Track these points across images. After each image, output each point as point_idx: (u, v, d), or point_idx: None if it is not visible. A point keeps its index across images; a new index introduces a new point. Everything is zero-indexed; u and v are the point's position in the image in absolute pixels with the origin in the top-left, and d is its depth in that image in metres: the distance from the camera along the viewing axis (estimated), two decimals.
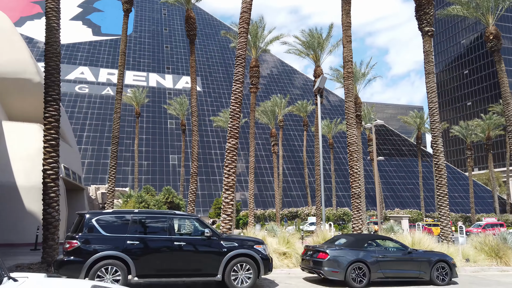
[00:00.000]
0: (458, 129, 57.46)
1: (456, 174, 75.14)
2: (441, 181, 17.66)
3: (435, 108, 18.03)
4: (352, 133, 16.79)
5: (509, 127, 20.26)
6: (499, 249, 16.68)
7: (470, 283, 12.75)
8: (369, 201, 61.81)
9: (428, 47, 18.36)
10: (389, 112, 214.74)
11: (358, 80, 33.66)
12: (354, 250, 11.56)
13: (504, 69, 20.71)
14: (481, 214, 60.57)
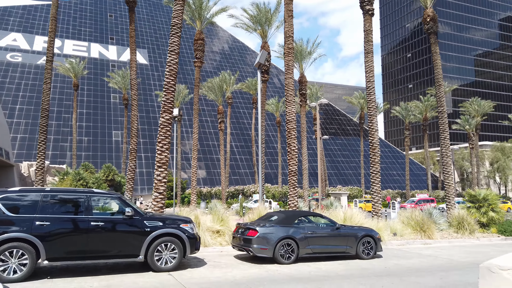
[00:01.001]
0: (398, 109, 60.21)
1: (395, 153, 79.20)
2: (374, 159, 18.20)
3: (372, 88, 18.35)
4: (291, 110, 16.67)
5: (440, 108, 21.24)
6: (424, 223, 17.68)
7: (393, 256, 13.33)
8: (314, 179, 63.62)
9: (368, 26, 18.51)
10: (338, 92, 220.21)
11: (304, 59, 33.73)
12: (284, 227, 11.55)
13: (438, 52, 21.53)
14: (416, 190, 64.70)
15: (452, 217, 19.68)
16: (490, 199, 21.01)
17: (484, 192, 21.29)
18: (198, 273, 9.80)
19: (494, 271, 2.32)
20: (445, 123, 20.98)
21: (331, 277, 9.54)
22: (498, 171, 73.47)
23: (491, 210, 20.80)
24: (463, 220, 19.00)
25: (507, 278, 2.27)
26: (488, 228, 20.40)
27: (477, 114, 60.89)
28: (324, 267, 10.92)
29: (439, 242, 17.16)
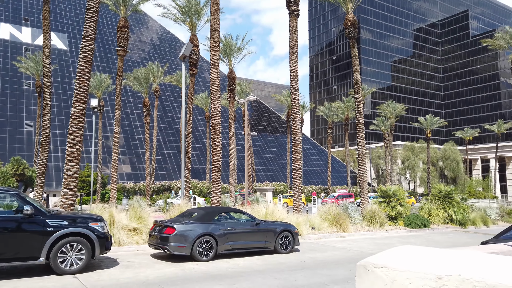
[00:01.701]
0: (322, 109, 63.13)
1: (320, 150, 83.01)
2: (296, 155, 18.74)
3: (296, 87, 18.85)
4: (216, 105, 16.47)
5: (358, 109, 22.53)
6: (340, 217, 18.67)
7: (310, 249, 13.84)
8: (243, 174, 64.25)
9: (293, 26, 18.95)
10: (269, 90, 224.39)
11: (234, 54, 33.66)
12: (204, 224, 11.34)
13: (357, 55, 22.81)
14: (336, 186, 68.48)
15: (366, 211, 21.05)
16: (398, 194, 22.87)
17: (394, 188, 23.12)
18: (107, 274, 9.20)
19: (369, 269, 2.31)
20: (362, 123, 22.31)
21: (247, 273, 9.56)
22: (408, 168, 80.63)
23: (399, 205, 22.66)
24: (375, 214, 20.43)
25: (381, 276, 2.26)
26: (396, 221, 22.19)
27: (392, 116, 66.13)
28: (242, 263, 10.93)
29: (352, 235, 18.23)
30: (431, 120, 65.55)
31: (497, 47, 38.71)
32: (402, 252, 2.31)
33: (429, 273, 2.08)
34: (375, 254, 2.33)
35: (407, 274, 2.11)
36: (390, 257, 2.27)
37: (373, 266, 2.23)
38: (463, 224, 23.12)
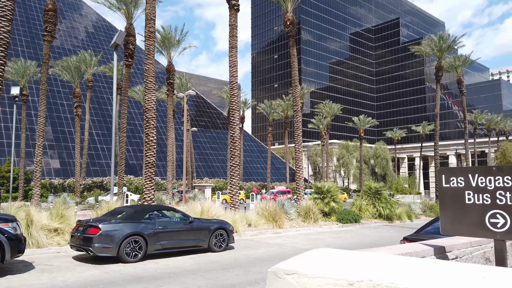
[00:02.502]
0: (263, 107, 63.80)
1: (260, 147, 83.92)
2: (234, 152, 18.56)
3: (235, 83, 18.65)
4: (151, 98, 15.73)
5: (295, 107, 22.91)
6: (276, 214, 18.86)
7: (245, 246, 13.75)
8: (182, 171, 62.88)
9: (233, 21, 18.70)
10: (211, 86, 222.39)
11: (173, 47, 32.61)
12: (133, 223, 10.73)
13: (296, 54, 23.18)
14: (276, 182, 69.75)
15: (301, 208, 21.50)
16: (332, 191, 23.69)
17: (328, 185, 23.90)
18: (19, 280, 8.30)
19: (280, 276, 2.09)
20: (299, 122, 22.73)
21: (176, 273, 9.18)
22: (343, 166, 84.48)
23: (333, 201, 23.49)
24: (309, 210, 20.95)
25: (292, 284, 2.05)
26: (330, 216, 22.96)
27: (328, 115, 68.72)
28: (173, 263, 10.51)
29: (288, 231, 18.50)
30: (364, 120, 69.13)
31: (424, 54, 41.70)
32: (315, 256, 2.16)
33: (340, 279, 1.95)
34: (287, 259, 2.15)
35: (319, 280, 1.97)
36: (302, 262, 2.11)
37: (284, 272, 2.06)
38: (390, 219, 24.57)
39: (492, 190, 3.21)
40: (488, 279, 1.84)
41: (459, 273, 1.87)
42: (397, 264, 2.00)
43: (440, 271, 1.92)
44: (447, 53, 42.24)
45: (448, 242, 3.64)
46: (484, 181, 3.25)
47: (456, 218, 3.34)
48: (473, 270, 1.95)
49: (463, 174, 3.38)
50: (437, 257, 3.27)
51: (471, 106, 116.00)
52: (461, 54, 48.23)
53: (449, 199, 3.42)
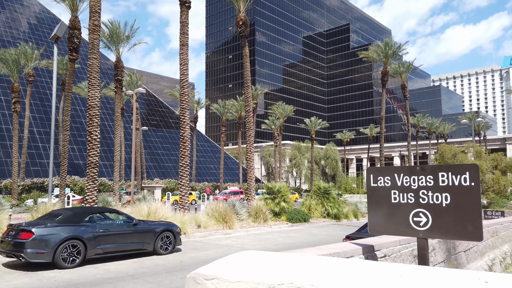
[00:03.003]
0: (216, 107, 63.37)
1: (214, 147, 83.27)
2: (184, 152, 18.18)
3: (185, 81, 18.27)
4: (94, 95, 14.95)
5: (247, 107, 22.92)
6: (226, 214, 18.71)
7: (193, 248, 13.47)
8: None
9: (184, 18, 18.32)
10: (164, 84, 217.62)
11: (122, 42, 31.36)
12: (70, 226, 10.11)
13: (248, 54, 23.20)
14: (229, 183, 69.54)
15: (252, 208, 21.53)
16: (283, 191, 23.97)
17: (279, 185, 24.15)
18: None
19: (199, 282, 1.96)
20: (251, 122, 22.77)
21: (117, 278, 8.76)
22: (295, 166, 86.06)
23: (283, 201, 23.77)
24: (260, 210, 21.03)
25: None
26: (280, 216, 23.21)
27: (281, 116, 69.71)
28: (114, 267, 10.02)
29: (238, 232, 18.42)
30: (315, 122, 70.89)
31: (371, 59, 43.58)
32: (237, 260, 2.07)
33: (261, 282, 1.87)
34: (208, 264, 2.04)
35: (239, 285, 1.88)
36: (223, 266, 2.01)
37: (204, 278, 1.95)
38: (338, 218, 25.30)
39: (416, 190, 3.32)
40: (405, 278, 1.84)
41: (377, 273, 1.86)
42: (320, 266, 1.96)
43: (360, 271, 1.89)
44: (392, 59, 44.44)
45: (377, 241, 3.71)
46: (408, 181, 3.35)
47: (383, 217, 3.41)
48: (392, 269, 1.95)
49: (390, 174, 3.46)
50: (366, 256, 3.33)
51: (414, 110, 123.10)
52: (405, 61, 50.99)
53: (376, 198, 3.49)
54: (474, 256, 6.05)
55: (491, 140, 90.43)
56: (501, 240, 7.31)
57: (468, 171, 3.18)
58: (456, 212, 3.15)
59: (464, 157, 40.27)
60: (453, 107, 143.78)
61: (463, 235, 3.15)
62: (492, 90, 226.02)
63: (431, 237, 3.23)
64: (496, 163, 41.61)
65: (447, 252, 5.06)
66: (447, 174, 3.21)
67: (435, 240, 4.06)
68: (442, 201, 3.18)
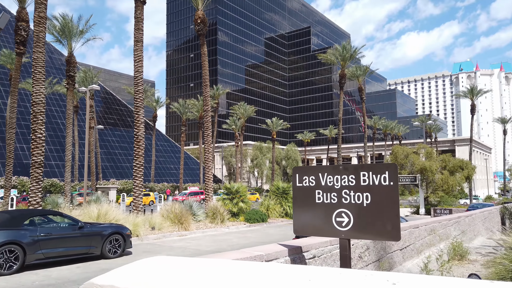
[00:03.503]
0: (176, 106, 62.25)
1: (174, 147, 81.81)
2: (138, 152, 17.64)
3: (140, 78, 17.73)
4: (39, 90, 14.12)
5: (206, 107, 22.64)
6: (182, 215, 18.34)
7: (144, 251, 13.05)
8: (88, 172, 58.29)
9: (139, 14, 17.77)
10: (123, 82, 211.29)
11: (75, 37, 29.96)
12: (7, 230, 9.45)
13: (206, 53, 22.93)
14: (189, 183, 68.59)
15: (209, 209, 21.27)
16: (241, 191, 23.89)
17: (237, 185, 24.06)
18: None
19: None
20: (209, 122, 22.52)
21: (57, 285, 8.27)
22: (256, 166, 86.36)
23: (242, 201, 23.69)
24: (217, 211, 20.81)
25: None
26: (238, 217, 23.10)
27: (243, 116, 69.71)
28: (56, 273, 9.47)
29: (194, 233, 18.11)
30: (276, 122, 71.51)
31: (329, 62, 44.56)
32: (140, 267, 1.92)
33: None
34: (106, 272, 1.87)
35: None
36: (123, 274, 1.85)
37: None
38: None
39: (338, 189, 3.31)
40: (313, 282, 1.77)
41: (285, 277, 1.78)
42: (227, 272, 1.85)
43: (269, 276, 1.81)
44: (350, 62, 45.69)
45: (306, 242, 3.69)
46: (332, 180, 3.34)
47: (307, 217, 3.38)
48: (303, 273, 1.88)
49: (315, 173, 3.44)
50: (292, 258, 3.28)
51: (371, 113, 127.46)
52: (363, 65, 52.63)
53: (301, 198, 3.46)
54: (411, 254, 6.24)
55: (442, 142, 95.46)
56: (439, 238, 7.62)
57: (388, 170, 3.21)
58: (376, 211, 3.17)
59: (416, 157, 42.10)
60: (407, 110, 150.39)
61: (382, 234, 3.17)
62: (443, 94, 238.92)
63: (353, 237, 3.23)
64: (445, 164, 43.86)
65: (382, 251, 5.17)
66: (368, 173, 3.23)
67: (369, 240, 4.10)
68: (363, 200, 3.19)
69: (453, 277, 1.95)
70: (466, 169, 45.19)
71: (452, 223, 8.97)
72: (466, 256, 8.14)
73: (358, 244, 4.46)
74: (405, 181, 38.15)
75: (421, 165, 39.04)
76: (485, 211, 14.19)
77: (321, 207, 3.32)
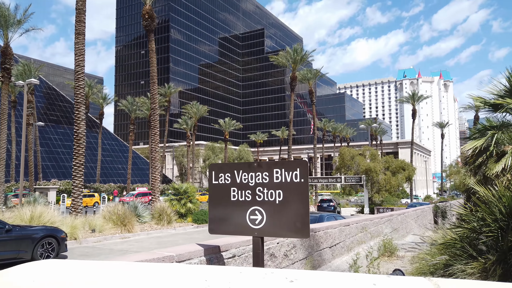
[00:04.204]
0: (125, 103, 60.04)
1: (122, 146, 78.92)
2: (78, 150, 16.75)
3: (81, 72, 16.83)
4: None
5: (153, 105, 22.03)
6: (125, 217, 17.66)
7: (81, 255, 12.40)
8: (26, 171, 54.59)
9: (81, 5, 16.87)
10: (69, 77, 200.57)
11: (11, 27, 27.86)
12: None
13: (154, 49, 22.33)
14: (137, 184, 66.49)
15: (155, 210, 20.69)
16: (189, 191, 23.48)
17: (185, 186, 23.61)
18: None
19: None
20: (156, 120, 21.94)
21: None
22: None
23: (190, 202, 23.29)
24: (164, 212, 20.29)
25: None
26: (186, 218, 22.69)
27: (195, 116, 68.82)
28: None
29: (138, 235, 17.51)
30: (229, 123, 71.38)
31: (281, 64, 45.26)
32: (21, 272, 1.74)
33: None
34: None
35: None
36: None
37: None
38: None
39: (253, 187, 3.30)
40: (210, 282, 1.70)
41: (181, 278, 1.69)
42: (119, 275, 1.73)
43: (163, 278, 1.71)
44: (301, 65, 46.70)
45: (225, 241, 3.64)
46: (247, 178, 3.32)
47: (223, 216, 3.34)
48: (200, 273, 1.80)
49: (230, 171, 3.41)
50: (208, 258, 3.22)
51: (322, 115, 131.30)
52: (314, 68, 54.02)
53: (217, 196, 3.41)
54: (341, 252, 6.44)
55: (386, 144, 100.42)
56: (370, 235, 7.94)
57: (299, 167, 3.25)
58: (287, 209, 3.19)
59: (362, 159, 43.91)
60: (355, 114, 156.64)
61: (292, 232, 3.20)
62: (388, 99, 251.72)
63: (265, 235, 3.23)
64: (388, 165, 46.11)
65: (310, 248, 5.27)
66: (281, 170, 3.24)
67: (296, 238, 4.14)
68: (275, 198, 3.20)
69: (353, 273, 1.96)
70: (407, 170, 47.86)
71: (384, 221, 9.41)
72: (396, 253, 8.58)
73: (284, 242, 4.49)
74: (351, 181, 39.67)
75: (366, 166, 40.76)
76: (418, 210, 15.06)
77: (236, 205, 3.28)
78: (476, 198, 4.92)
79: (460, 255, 4.26)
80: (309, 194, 3.09)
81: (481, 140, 5.96)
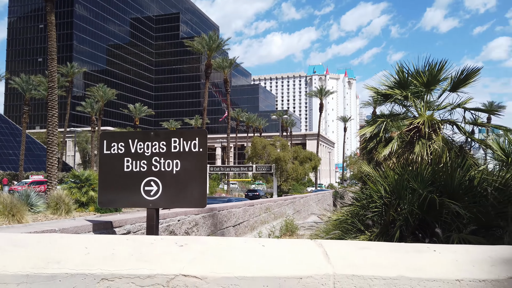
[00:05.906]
0: (18, 81, 53.41)
1: (14, 130, 70.58)
2: None
3: None
4: None
5: (51, 83, 19.99)
6: (14, 206, 15.83)
7: None
8: None
9: None
10: None
11: None
12: None
13: (54, 22, 20.22)
14: (32, 171, 60.24)
15: (52, 198, 18.91)
16: (92, 179, 21.94)
17: (87, 173, 21.96)
18: None
19: None
20: (55, 100, 19.99)
21: None
22: None
23: (92, 190, 21.78)
24: (62, 201, 18.63)
25: None
26: (88, 207, 21.19)
27: (102, 99, 64.33)
28: None
29: (30, 225, 15.89)
30: (139, 108, 68.28)
31: (197, 51, 44.45)
32: None
33: None
34: None
35: None
36: None
37: None
38: None
39: (149, 156, 3.20)
40: (90, 249, 1.55)
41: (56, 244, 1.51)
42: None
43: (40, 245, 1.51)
44: (217, 54, 46.44)
45: (119, 217, 3.49)
46: (142, 147, 3.20)
47: (115, 187, 3.19)
48: (78, 240, 1.64)
49: (124, 140, 3.25)
50: (98, 233, 3.04)
51: (236, 105, 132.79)
52: (230, 58, 54.08)
53: (109, 167, 3.25)
54: (244, 231, 6.66)
55: (296, 135, 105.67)
56: (274, 216, 8.35)
57: (198, 136, 3.23)
58: (184, 179, 3.16)
59: (272, 148, 45.56)
60: (268, 105, 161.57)
61: (189, 202, 3.20)
62: (299, 93, 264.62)
63: (161, 206, 3.16)
64: (296, 155, 48.59)
65: (213, 227, 5.33)
66: (179, 140, 3.19)
67: (199, 216, 4.12)
68: (173, 168, 3.14)
69: (244, 237, 1.99)
70: (314, 160, 51.01)
71: (288, 203, 9.94)
72: (296, 232, 9.17)
73: (185, 219, 4.44)
74: (262, 170, 41.03)
75: (276, 155, 42.44)
76: (319, 194, 16.22)
77: (129, 176, 3.13)
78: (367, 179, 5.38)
79: (350, 230, 4.64)
80: (207, 165, 3.06)
81: (372, 127, 6.61)
